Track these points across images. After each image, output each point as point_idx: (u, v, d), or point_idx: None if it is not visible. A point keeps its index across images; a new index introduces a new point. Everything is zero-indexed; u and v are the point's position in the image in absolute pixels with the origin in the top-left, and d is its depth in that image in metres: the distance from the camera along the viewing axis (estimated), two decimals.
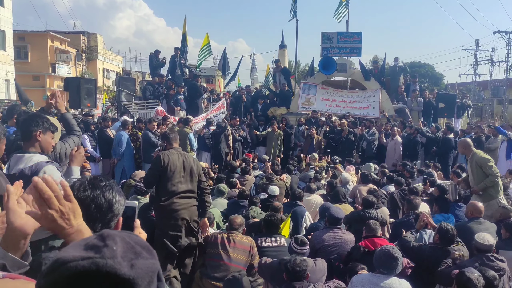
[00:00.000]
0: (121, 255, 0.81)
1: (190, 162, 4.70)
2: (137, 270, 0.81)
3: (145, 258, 0.85)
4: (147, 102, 12.99)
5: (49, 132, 3.12)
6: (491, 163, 6.31)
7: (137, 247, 0.86)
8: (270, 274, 3.96)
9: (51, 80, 36.50)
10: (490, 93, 41.65)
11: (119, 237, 0.85)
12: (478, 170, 6.28)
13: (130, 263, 0.81)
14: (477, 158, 6.33)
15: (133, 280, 0.80)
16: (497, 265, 3.86)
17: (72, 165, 3.07)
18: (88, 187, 1.45)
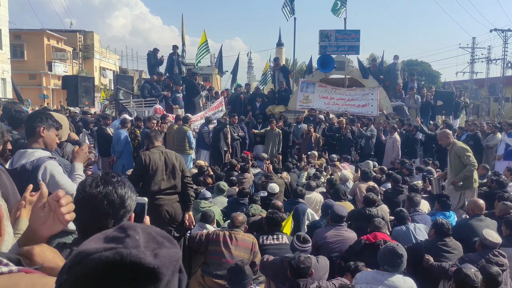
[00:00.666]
0: (144, 244, 0.81)
1: (172, 159, 4.82)
2: (161, 259, 0.81)
3: (168, 248, 0.84)
4: (145, 101, 12.97)
5: (53, 128, 3.13)
6: (469, 153, 6.42)
7: (158, 237, 0.85)
8: (272, 271, 3.95)
9: (48, 79, 36.35)
10: (487, 91, 41.82)
11: (140, 228, 0.85)
12: (456, 160, 6.38)
13: (153, 252, 0.81)
14: (456, 148, 6.44)
15: (158, 269, 0.79)
16: (501, 261, 3.88)
17: (74, 161, 3.06)
18: (100, 183, 1.43)
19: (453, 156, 6.46)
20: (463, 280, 3.26)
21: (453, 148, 6.51)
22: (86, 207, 1.42)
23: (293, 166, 9.69)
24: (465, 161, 6.33)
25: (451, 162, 6.51)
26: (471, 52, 45.58)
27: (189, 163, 10.01)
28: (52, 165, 2.89)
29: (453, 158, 6.47)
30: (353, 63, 15.18)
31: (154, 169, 4.67)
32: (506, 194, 6.14)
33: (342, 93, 14.20)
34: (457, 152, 6.40)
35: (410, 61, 52.20)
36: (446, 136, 6.67)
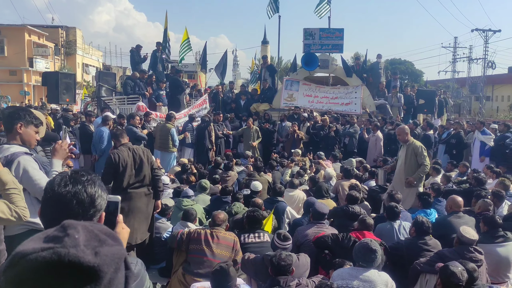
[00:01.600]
0: (84, 243, 0.80)
1: (140, 154, 5.11)
2: (102, 257, 0.80)
3: (110, 245, 0.83)
4: (128, 98, 12.83)
5: (31, 125, 3.09)
6: (426, 152, 6.52)
7: (101, 234, 0.84)
8: (253, 269, 3.95)
9: (29, 75, 35.68)
10: (468, 90, 42.52)
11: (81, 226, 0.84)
12: (413, 157, 6.44)
13: (94, 250, 0.80)
14: (414, 146, 6.48)
15: (98, 267, 0.78)
16: (475, 256, 3.94)
17: (53, 158, 3.00)
18: (69, 182, 1.39)
19: (410, 153, 6.48)
20: (449, 277, 3.29)
21: (411, 145, 6.52)
22: (54, 207, 1.38)
23: (277, 164, 9.70)
24: (420, 160, 6.39)
25: (407, 159, 6.50)
26: (453, 51, 46.33)
27: (173, 161, 9.95)
28: (26, 160, 2.85)
29: (409, 155, 6.48)
30: (337, 62, 15.26)
31: (124, 166, 4.93)
32: (484, 192, 6.25)
33: (326, 92, 14.27)
34: (415, 150, 6.44)
35: (394, 60, 52.70)
36: (404, 132, 6.66)
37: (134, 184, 5.03)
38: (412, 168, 6.46)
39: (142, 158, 5.09)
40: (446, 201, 5.73)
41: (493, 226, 4.65)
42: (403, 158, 6.61)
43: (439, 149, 11.81)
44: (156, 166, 5.45)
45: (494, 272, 4.52)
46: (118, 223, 1.71)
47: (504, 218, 5.28)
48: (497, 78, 44.56)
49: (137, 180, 5.05)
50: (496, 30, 38.15)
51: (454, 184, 7.76)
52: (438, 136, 11.94)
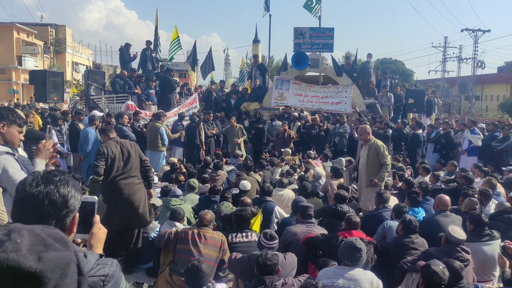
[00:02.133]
0: (27, 248, 0.78)
1: (128, 147, 5.35)
2: (46, 262, 0.78)
3: (56, 250, 0.81)
4: (117, 96, 12.73)
5: (15, 125, 3.04)
6: (387, 151, 6.53)
7: (48, 239, 0.82)
8: (240, 269, 3.94)
9: (17, 73, 35.32)
10: (458, 89, 42.86)
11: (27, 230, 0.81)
12: (375, 157, 6.42)
13: (37, 255, 0.78)
14: (376, 145, 6.45)
15: (40, 273, 0.76)
16: (462, 256, 3.96)
17: (36, 158, 2.94)
18: (41, 182, 1.36)
19: (372, 153, 6.44)
20: (431, 276, 3.31)
21: (373, 145, 6.48)
22: (26, 207, 1.34)
23: (267, 163, 9.69)
24: (382, 160, 6.37)
25: (369, 159, 6.47)
26: (443, 51, 46.64)
27: (162, 160, 9.90)
28: (6, 159, 2.80)
29: (371, 155, 6.44)
30: (327, 61, 15.30)
31: (112, 157, 5.16)
32: (471, 191, 6.29)
33: (316, 91, 14.28)
34: (377, 149, 6.40)
35: (385, 59, 53.00)
36: (366, 131, 6.62)
37: (123, 175, 5.23)
38: (374, 168, 6.42)
39: (130, 151, 5.31)
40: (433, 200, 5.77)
41: (479, 225, 4.69)
42: (364, 158, 6.56)
43: (428, 148, 11.88)
44: (145, 158, 5.68)
45: (480, 271, 4.56)
46: (94, 223, 1.69)
47: (490, 216, 5.33)
48: (487, 77, 45.06)
49: (125, 171, 5.25)
50: (486, 30, 38.51)
51: (442, 183, 7.80)
52: (427, 135, 12.00)
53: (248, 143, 12.43)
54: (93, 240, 1.68)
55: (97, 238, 1.68)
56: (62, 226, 1.39)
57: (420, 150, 11.33)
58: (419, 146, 11.27)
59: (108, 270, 1.42)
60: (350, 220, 4.62)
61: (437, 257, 3.77)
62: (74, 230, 1.48)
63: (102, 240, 1.70)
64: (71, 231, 1.46)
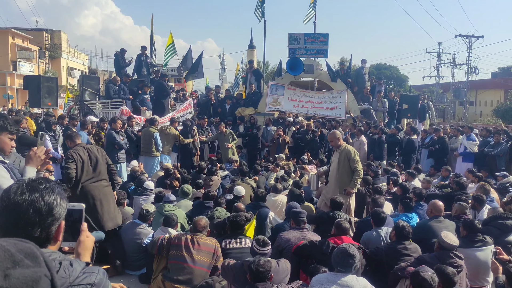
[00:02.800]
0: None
1: (95, 152, 5.49)
2: (12, 280, 0.76)
3: (25, 267, 0.79)
4: (112, 102, 12.70)
5: (6, 132, 2.99)
6: (358, 156, 6.46)
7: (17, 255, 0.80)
8: (233, 275, 3.91)
9: (12, 79, 35.16)
10: (452, 95, 43.10)
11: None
12: (346, 162, 6.34)
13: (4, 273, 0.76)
14: (347, 151, 6.38)
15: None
16: (455, 262, 3.96)
17: (26, 165, 2.90)
18: (26, 190, 1.35)
19: (343, 159, 6.36)
20: (421, 283, 3.30)
21: (344, 150, 6.40)
22: (10, 216, 1.32)
23: (262, 169, 9.68)
24: (353, 165, 6.30)
25: (340, 164, 6.39)
26: (437, 57, 46.93)
27: (156, 166, 9.85)
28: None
29: (342, 160, 6.36)
30: (321, 67, 15.35)
31: (81, 162, 5.27)
32: (464, 197, 6.31)
33: (311, 96, 14.31)
34: (348, 155, 6.33)
35: (379, 65, 53.21)
36: (336, 137, 6.54)
37: (93, 179, 5.40)
38: (346, 174, 6.36)
39: (97, 156, 5.48)
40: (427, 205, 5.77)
41: (473, 230, 4.69)
42: (336, 164, 6.47)
43: (422, 154, 11.90)
44: (111, 162, 5.92)
45: (473, 276, 4.55)
46: (82, 231, 1.67)
47: (483, 222, 5.33)
48: (480, 83, 45.33)
49: (94, 175, 5.42)
50: (479, 36, 38.76)
51: (436, 188, 7.82)
52: (421, 141, 12.04)
53: (242, 148, 12.42)
54: (80, 248, 1.66)
55: (85, 246, 1.67)
56: (47, 235, 1.38)
57: (415, 156, 11.35)
58: (414, 152, 11.29)
59: (94, 279, 1.40)
60: (340, 225, 4.61)
61: (430, 263, 3.76)
62: (60, 238, 1.46)
63: (90, 248, 1.68)
64: (57, 239, 1.44)
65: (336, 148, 6.55)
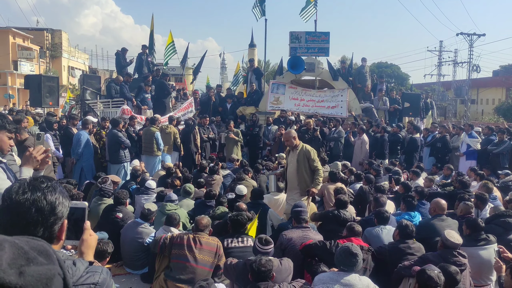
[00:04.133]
0: (8, 262, 0.75)
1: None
2: (27, 277, 0.75)
3: (39, 264, 0.78)
4: (113, 101, 12.69)
5: (4, 130, 2.95)
6: (317, 156, 6.25)
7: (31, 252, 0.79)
8: (235, 274, 3.91)
9: (13, 78, 35.21)
10: (454, 93, 43.05)
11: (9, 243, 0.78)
12: (305, 162, 6.11)
13: (18, 270, 0.76)
14: (305, 150, 6.16)
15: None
16: (459, 260, 3.94)
17: (22, 166, 2.85)
18: (28, 189, 1.33)
19: (302, 158, 6.12)
20: (426, 281, 3.29)
21: (302, 150, 6.17)
22: (12, 215, 1.31)
23: (263, 168, 9.66)
24: (313, 165, 6.09)
25: (299, 164, 6.12)
26: (438, 55, 46.85)
27: (157, 165, 9.84)
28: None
29: (301, 160, 6.12)
30: (323, 65, 15.30)
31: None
32: (467, 195, 6.28)
33: (312, 95, 14.29)
34: (307, 154, 6.11)
35: (380, 63, 53.17)
36: (291, 136, 6.31)
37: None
38: (307, 174, 6.13)
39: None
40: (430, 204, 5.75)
41: (476, 229, 4.67)
42: (294, 164, 6.21)
43: (424, 152, 11.87)
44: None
45: (476, 275, 4.54)
46: (85, 229, 1.66)
47: (486, 220, 5.31)
48: (482, 81, 45.25)
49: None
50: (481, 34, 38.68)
51: (438, 187, 7.80)
52: (423, 139, 12.01)
53: (244, 147, 12.41)
54: (83, 247, 1.65)
55: (88, 245, 1.66)
56: (50, 234, 1.36)
57: (417, 154, 11.31)
58: (416, 150, 11.25)
59: (98, 278, 1.39)
60: (353, 228, 4.58)
61: (433, 262, 3.75)
62: (63, 237, 1.45)
63: (93, 246, 1.67)
64: (60, 238, 1.43)
65: (292, 148, 6.28)
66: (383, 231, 5.00)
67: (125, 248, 5.51)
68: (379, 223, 5.11)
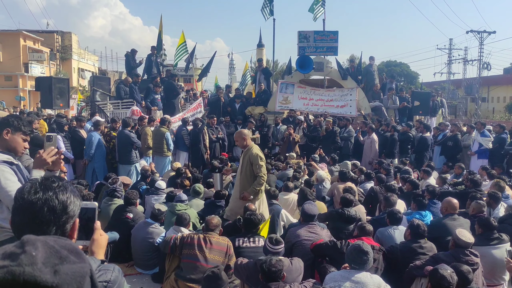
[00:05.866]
0: (42, 261, 0.76)
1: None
2: (62, 276, 0.76)
3: (71, 263, 0.78)
4: (122, 102, 12.77)
5: (19, 132, 2.98)
6: (263, 162, 5.80)
7: (62, 251, 0.79)
8: (246, 274, 3.90)
9: (24, 80, 35.56)
10: (464, 91, 42.65)
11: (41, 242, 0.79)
12: (248, 166, 5.77)
13: (53, 269, 0.76)
14: (251, 153, 5.76)
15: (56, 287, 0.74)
16: (471, 260, 3.90)
17: (33, 169, 2.86)
18: (40, 189, 1.35)
19: (246, 161, 5.78)
20: (439, 281, 3.26)
21: (248, 152, 5.80)
22: (25, 215, 1.33)
23: (272, 167, 9.65)
24: (256, 170, 5.71)
25: (243, 167, 5.83)
26: (448, 53, 46.46)
27: (167, 165, 9.89)
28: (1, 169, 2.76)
29: (246, 162, 5.79)
30: (331, 64, 15.24)
31: None
32: (479, 194, 6.21)
33: (321, 94, 14.24)
34: (251, 158, 5.73)
35: (389, 62, 52.86)
36: (242, 137, 5.92)
37: None
38: (246, 177, 5.79)
39: None
40: (441, 203, 5.70)
41: (488, 228, 4.62)
42: (240, 166, 5.94)
43: (435, 151, 11.75)
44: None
45: (489, 275, 4.49)
46: (95, 229, 1.67)
47: (499, 220, 5.25)
48: (493, 79, 44.75)
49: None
50: (491, 32, 38.34)
51: (449, 186, 7.72)
52: (433, 138, 11.90)
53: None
54: (94, 246, 1.66)
55: (98, 244, 1.67)
56: (63, 233, 1.38)
57: (427, 154, 11.20)
58: (426, 150, 11.13)
59: (110, 276, 1.40)
60: (364, 228, 4.56)
61: (445, 261, 3.72)
62: (75, 236, 1.47)
63: (104, 246, 1.68)
64: (72, 237, 1.45)
65: (243, 148, 5.94)
66: (395, 231, 4.98)
67: (136, 248, 5.54)
68: (392, 224, 5.08)
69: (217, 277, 3.77)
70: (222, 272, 3.90)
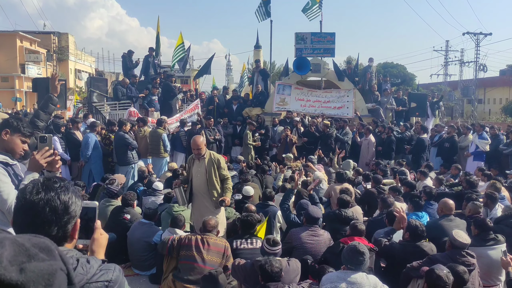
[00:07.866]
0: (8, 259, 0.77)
1: None
2: (28, 274, 0.77)
3: (40, 260, 0.80)
4: (120, 103, 12.76)
5: (18, 133, 2.95)
6: (225, 163, 5.79)
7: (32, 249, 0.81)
8: (243, 275, 3.92)
9: (21, 81, 35.48)
10: (460, 93, 42.80)
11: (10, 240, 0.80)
12: (215, 171, 5.62)
13: (19, 267, 0.77)
14: (214, 158, 5.66)
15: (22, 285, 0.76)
16: (468, 260, 3.93)
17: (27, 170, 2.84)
18: (41, 189, 1.36)
19: (209, 168, 5.57)
20: (435, 281, 3.28)
21: (210, 158, 5.62)
22: (27, 215, 1.34)
23: (269, 169, 9.67)
24: (223, 173, 5.64)
25: (209, 173, 5.57)
26: (444, 55, 46.66)
27: (164, 166, 9.89)
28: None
29: (209, 169, 5.56)
30: (328, 66, 15.27)
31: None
32: (475, 195, 6.24)
33: (318, 95, 14.27)
34: (217, 163, 5.61)
35: (386, 64, 52.96)
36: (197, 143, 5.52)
37: None
38: (217, 182, 5.62)
39: None
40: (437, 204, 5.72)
41: (484, 229, 4.64)
42: (202, 175, 5.61)
43: (431, 152, 11.81)
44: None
45: (485, 275, 4.51)
46: (96, 229, 1.68)
47: (495, 221, 5.28)
48: (489, 81, 44.94)
49: None
50: (487, 33, 38.47)
51: (446, 187, 7.76)
52: (430, 139, 11.95)
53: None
54: (94, 246, 1.68)
55: (99, 244, 1.68)
56: (64, 233, 1.39)
57: (425, 155, 11.25)
58: (424, 151, 11.18)
59: (111, 276, 1.42)
60: (356, 227, 4.59)
61: (442, 262, 3.73)
62: (76, 236, 1.48)
63: (104, 245, 1.70)
64: (73, 237, 1.46)
65: (198, 157, 5.62)
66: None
67: (133, 248, 5.55)
68: (390, 225, 5.09)
69: (215, 280, 3.78)
70: (221, 275, 3.91)
